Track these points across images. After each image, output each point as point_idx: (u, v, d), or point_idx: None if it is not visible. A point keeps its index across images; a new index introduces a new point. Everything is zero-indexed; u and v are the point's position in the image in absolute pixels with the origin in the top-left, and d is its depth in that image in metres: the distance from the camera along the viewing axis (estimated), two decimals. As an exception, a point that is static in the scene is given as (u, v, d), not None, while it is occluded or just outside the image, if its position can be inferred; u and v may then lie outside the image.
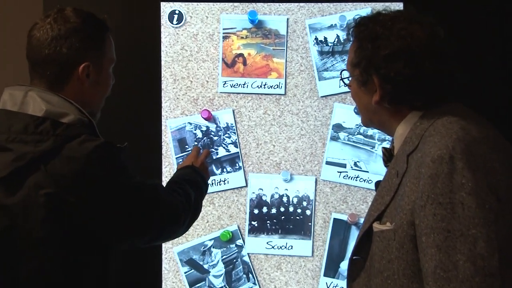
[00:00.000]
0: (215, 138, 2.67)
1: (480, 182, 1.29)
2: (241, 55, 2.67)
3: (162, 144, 2.65)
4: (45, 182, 1.50)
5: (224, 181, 2.67)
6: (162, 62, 2.66)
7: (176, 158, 2.65)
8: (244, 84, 2.66)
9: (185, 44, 2.67)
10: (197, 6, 2.67)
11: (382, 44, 1.47)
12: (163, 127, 2.65)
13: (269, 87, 2.65)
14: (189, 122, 2.65)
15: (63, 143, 1.53)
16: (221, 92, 2.66)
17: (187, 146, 2.65)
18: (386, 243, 1.42)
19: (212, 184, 2.66)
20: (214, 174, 2.66)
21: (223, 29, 2.66)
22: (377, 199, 1.53)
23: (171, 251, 2.65)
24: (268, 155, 2.66)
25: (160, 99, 2.65)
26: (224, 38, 2.66)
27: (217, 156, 2.67)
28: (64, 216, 1.52)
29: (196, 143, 2.65)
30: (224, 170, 2.67)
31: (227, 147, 2.67)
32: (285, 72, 2.65)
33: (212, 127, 2.67)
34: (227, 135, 2.67)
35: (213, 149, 2.66)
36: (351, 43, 1.61)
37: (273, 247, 2.64)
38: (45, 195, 1.50)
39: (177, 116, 2.65)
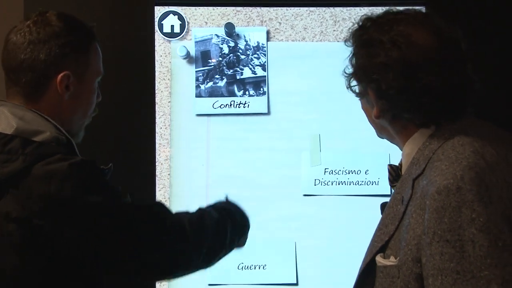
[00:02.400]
0: (243, 57, 2.65)
1: (493, 216, 1.25)
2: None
3: (156, 164, 2.64)
4: (15, 208, 1.47)
5: (244, 104, 2.65)
6: (157, 74, 2.65)
7: (196, 71, 2.64)
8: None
9: (182, 52, 2.65)
10: (195, 10, 2.65)
11: (374, 52, 1.43)
12: (157, 145, 2.63)
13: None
14: (216, 34, 2.64)
15: (33, 163, 1.49)
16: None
17: (209, 60, 2.63)
18: (390, 280, 1.39)
19: (231, 105, 2.64)
20: (235, 95, 2.64)
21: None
22: (380, 227, 1.49)
23: None
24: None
25: (154, 114, 2.63)
26: (226, 46, 2.67)
27: (241, 77, 2.64)
28: (40, 248, 1.48)
29: (220, 58, 2.64)
30: (247, 92, 2.65)
31: (254, 69, 2.65)
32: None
33: (241, 44, 2.65)
34: (256, 55, 2.65)
35: (238, 68, 2.64)
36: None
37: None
38: (16, 223, 1.46)
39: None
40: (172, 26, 2.64)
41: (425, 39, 1.41)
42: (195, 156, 2.64)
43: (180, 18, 2.63)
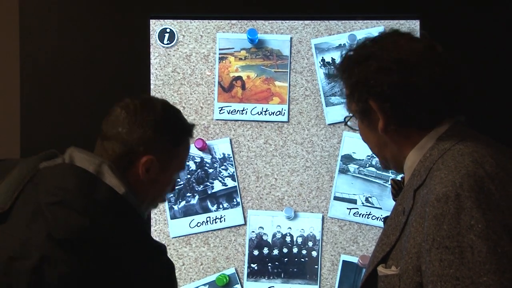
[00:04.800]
0: (211, 170, 2.66)
1: (492, 223, 1.25)
2: (239, 78, 2.67)
3: (152, 177, 2.65)
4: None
5: (220, 218, 2.65)
6: (152, 86, 2.66)
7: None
8: (242, 110, 2.66)
9: (177, 65, 2.67)
10: (190, 24, 2.67)
11: (368, 62, 1.48)
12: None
13: (270, 113, 2.65)
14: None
15: (132, 235, 1.58)
16: (217, 119, 2.67)
17: (178, 179, 2.64)
18: None
19: (207, 222, 2.66)
20: (210, 211, 2.65)
21: (220, 49, 2.67)
22: (382, 238, 1.51)
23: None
24: (270, 189, 2.65)
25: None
26: (221, 59, 2.66)
27: (213, 191, 2.66)
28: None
29: (189, 176, 2.64)
30: (221, 206, 2.65)
31: (224, 180, 2.66)
32: (288, 97, 2.65)
33: (207, 158, 2.66)
34: (223, 167, 2.66)
35: (208, 183, 2.66)
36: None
37: (275, 293, 2.62)
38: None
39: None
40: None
41: (412, 44, 1.49)
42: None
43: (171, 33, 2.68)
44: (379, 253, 1.49)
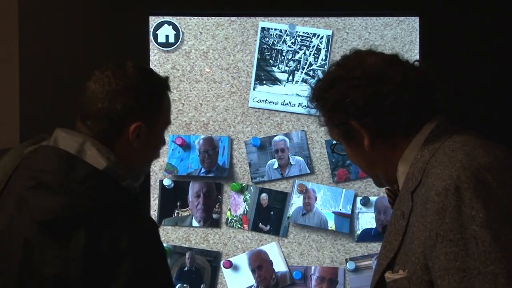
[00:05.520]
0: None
1: (493, 212, 1.27)
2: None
3: (151, 174, 2.66)
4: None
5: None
6: (151, 84, 2.66)
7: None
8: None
9: (177, 62, 2.68)
10: (189, 20, 2.68)
11: (337, 85, 1.51)
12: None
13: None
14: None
15: (117, 209, 1.56)
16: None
17: None
18: None
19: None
20: None
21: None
22: (385, 245, 1.51)
23: None
24: (269, 186, 2.67)
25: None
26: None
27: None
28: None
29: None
30: None
31: None
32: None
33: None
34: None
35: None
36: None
37: None
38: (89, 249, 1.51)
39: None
40: (167, 36, 2.66)
41: (373, 57, 1.55)
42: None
43: (175, 28, 2.66)
44: (384, 260, 1.50)
